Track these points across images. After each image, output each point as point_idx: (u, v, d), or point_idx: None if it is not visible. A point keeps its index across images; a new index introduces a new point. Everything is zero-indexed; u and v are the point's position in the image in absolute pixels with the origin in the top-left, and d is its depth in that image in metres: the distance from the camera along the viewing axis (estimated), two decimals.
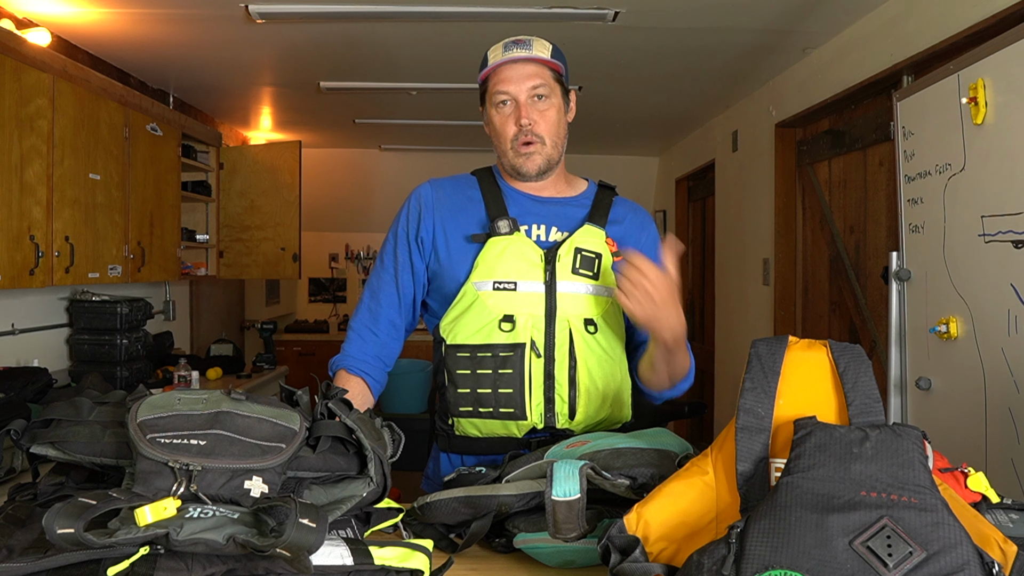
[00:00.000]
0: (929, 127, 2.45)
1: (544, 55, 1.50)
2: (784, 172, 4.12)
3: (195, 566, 0.87)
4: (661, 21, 3.21)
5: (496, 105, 1.52)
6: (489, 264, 1.47)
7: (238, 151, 4.95)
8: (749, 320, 4.58)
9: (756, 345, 1.00)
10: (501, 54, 1.51)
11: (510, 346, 1.44)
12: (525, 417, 1.45)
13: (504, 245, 1.48)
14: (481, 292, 1.47)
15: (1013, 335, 2.06)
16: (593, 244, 1.51)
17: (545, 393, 1.45)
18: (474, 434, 1.50)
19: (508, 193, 1.57)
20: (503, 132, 1.53)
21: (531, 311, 1.45)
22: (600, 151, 6.46)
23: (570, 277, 1.47)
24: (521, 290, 1.46)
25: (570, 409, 1.46)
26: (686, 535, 0.95)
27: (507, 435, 1.47)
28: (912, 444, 0.86)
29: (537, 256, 1.48)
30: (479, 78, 1.56)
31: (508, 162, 1.55)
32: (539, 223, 1.54)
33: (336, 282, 7.21)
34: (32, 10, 3.09)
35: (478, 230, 1.52)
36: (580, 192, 1.62)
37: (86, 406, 1.08)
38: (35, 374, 2.66)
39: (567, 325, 1.46)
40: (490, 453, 1.48)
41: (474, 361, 1.45)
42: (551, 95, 1.52)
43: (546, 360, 1.45)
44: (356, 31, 3.39)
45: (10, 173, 2.64)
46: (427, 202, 1.58)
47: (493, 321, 1.46)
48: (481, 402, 1.45)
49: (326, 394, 1.12)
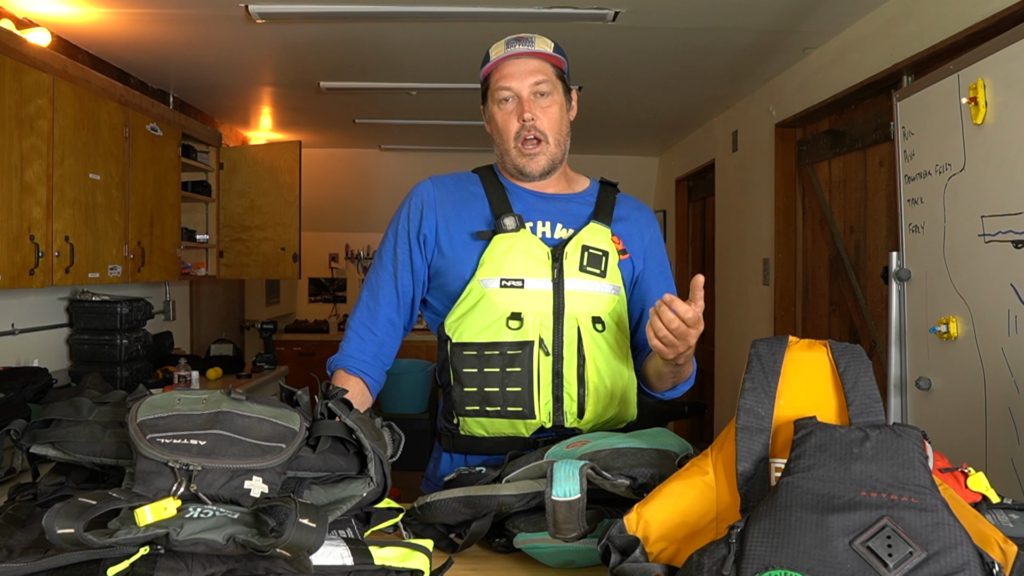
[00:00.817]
0: (929, 127, 2.45)
1: (546, 50, 1.50)
2: (784, 172, 4.12)
3: (195, 566, 0.87)
4: (661, 21, 3.21)
5: (498, 102, 1.51)
6: (496, 261, 1.45)
7: (238, 151, 4.95)
8: (749, 320, 4.58)
9: (756, 345, 1.00)
10: (503, 50, 1.50)
11: (518, 344, 1.42)
12: (534, 416, 1.43)
13: (511, 242, 1.46)
14: (488, 289, 1.45)
15: (1013, 335, 2.06)
16: (599, 241, 1.50)
17: (554, 392, 1.43)
18: (480, 434, 1.48)
19: (512, 190, 1.56)
20: (506, 129, 1.51)
21: (539, 308, 1.44)
22: (600, 151, 6.46)
23: (578, 275, 1.46)
24: (529, 287, 1.44)
25: (579, 408, 1.44)
26: (686, 535, 0.95)
27: (514, 434, 1.45)
28: (912, 444, 0.86)
29: (544, 253, 1.46)
30: (481, 75, 1.56)
31: (511, 161, 1.54)
32: (544, 219, 1.52)
33: (336, 282, 7.21)
34: (32, 10, 3.09)
35: (483, 227, 1.50)
36: (583, 189, 1.62)
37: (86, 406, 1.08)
38: (35, 374, 2.66)
39: (575, 323, 1.45)
40: (496, 453, 1.46)
41: (481, 359, 1.43)
42: (553, 91, 1.51)
43: (555, 358, 1.43)
44: (356, 31, 3.39)
45: (10, 173, 2.64)
46: (429, 199, 1.56)
47: (501, 319, 1.44)
48: (488, 401, 1.44)
49: (326, 394, 1.12)
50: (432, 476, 1.59)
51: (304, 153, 5.07)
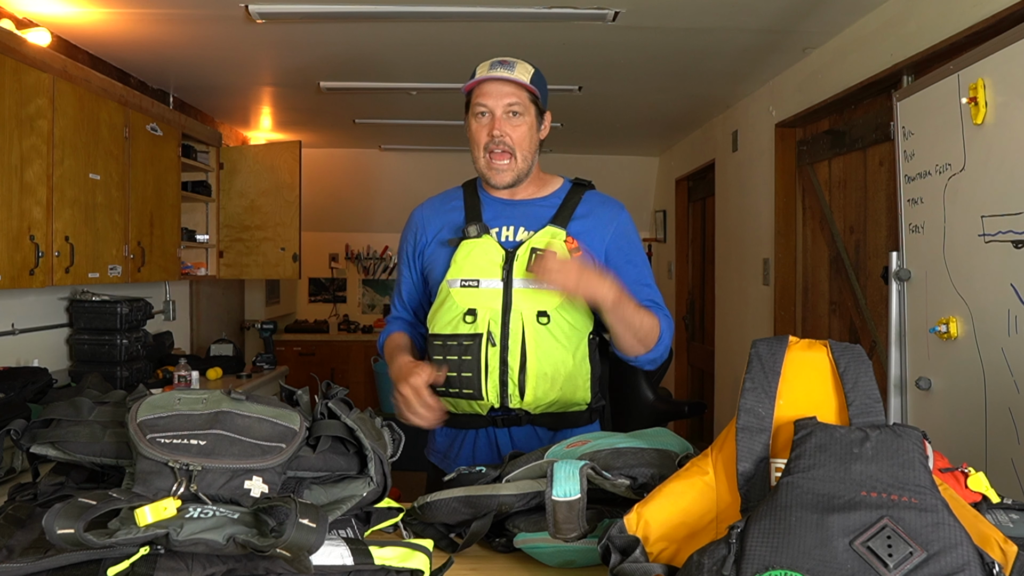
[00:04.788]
0: (929, 127, 2.45)
1: (524, 79, 1.68)
2: (784, 172, 4.12)
3: (195, 566, 0.87)
4: (661, 21, 3.21)
5: (475, 115, 1.71)
6: (459, 264, 1.68)
7: (238, 151, 4.95)
8: (749, 320, 4.58)
9: (756, 345, 1.00)
10: (486, 71, 1.69)
11: (471, 336, 1.64)
12: (482, 397, 1.65)
13: (471, 247, 1.68)
14: (452, 289, 1.68)
15: (1013, 335, 2.06)
16: (549, 244, 1.66)
17: (500, 377, 1.64)
18: (452, 410, 1.69)
19: (484, 200, 1.77)
20: (477, 139, 1.72)
21: (491, 305, 1.65)
22: (600, 151, 6.46)
23: (524, 275, 1.64)
24: (483, 287, 1.66)
25: (520, 390, 1.64)
26: (686, 535, 0.95)
27: (472, 412, 1.69)
28: (912, 444, 0.86)
29: (499, 256, 1.67)
30: (463, 89, 1.74)
31: (480, 170, 1.74)
32: (508, 224, 1.72)
33: (336, 282, 7.21)
34: (32, 10, 3.09)
35: (456, 235, 1.72)
36: (552, 191, 1.78)
37: (86, 406, 1.08)
38: (35, 374, 2.66)
39: (520, 317, 1.64)
40: (467, 427, 1.72)
41: (444, 348, 1.66)
42: (525, 113, 1.70)
43: (501, 348, 1.64)
44: (356, 31, 3.39)
45: (10, 173, 2.64)
46: (419, 221, 1.83)
47: (459, 314, 1.66)
48: (449, 383, 1.66)
49: (326, 394, 1.12)
50: (430, 442, 1.84)
51: (304, 153, 5.07)
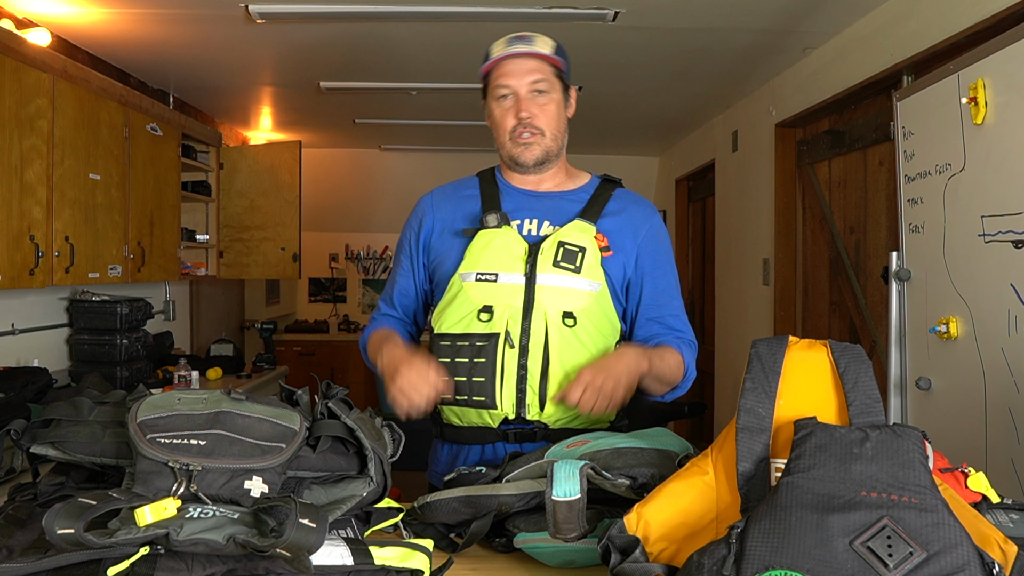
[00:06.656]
0: (929, 127, 2.45)
1: (546, 51, 1.52)
2: (784, 172, 4.12)
3: (195, 566, 0.87)
4: (661, 21, 3.21)
5: (497, 99, 1.54)
6: (475, 256, 1.50)
7: (238, 151, 4.95)
8: (749, 320, 4.58)
9: (756, 345, 1.00)
10: (503, 48, 1.52)
11: (486, 336, 1.46)
12: (496, 406, 1.46)
13: (490, 238, 1.50)
14: (465, 283, 1.50)
15: (1013, 335, 2.06)
16: (579, 238, 1.50)
17: (517, 384, 1.45)
18: (456, 422, 1.53)
19: (505, 189, 1.60)
20: (502, 124, 1.55)
21: (510, 302, 1.47)
22: (600, 151, 6.46)
23: (551, 270, 1.47)
24: (502, 281, 1.48)
25: (541, 401, 1.46)
26: (686, 535, 0.95)
27: (483, 424, 1.49)
28: (912, 444, 0.86)
29: (521, 249, 1.49)
30: (481, 72, 1.58)
31: (506, 153, 1.57)
32: (532, 217, 1.55)
33: (336, 282, 7.21)
34: (32, 10, 3.09)
35: (471, 225, 1.55)
36: (580, 185, 1.62)
37: (86, 406, 1.08)
38: (35, 374, 2.66)
39: (544, 317, 1.47)
40: (473, 442, 1.51)
41: (454, 350, 1.48)
42: (551, 90, 1.53)
43: (520, 351, 1.45)
44: (356, 31, 3.39)
45: (10, 173, 2.63)
46: (427, 207, 1.65)
47: (473, 311, 1.48)
48: (458, 390, 1.47)
49: (326, 394, 1.12)
50: (432, 462, 1.65)
51: (304, 153, 5.07)
